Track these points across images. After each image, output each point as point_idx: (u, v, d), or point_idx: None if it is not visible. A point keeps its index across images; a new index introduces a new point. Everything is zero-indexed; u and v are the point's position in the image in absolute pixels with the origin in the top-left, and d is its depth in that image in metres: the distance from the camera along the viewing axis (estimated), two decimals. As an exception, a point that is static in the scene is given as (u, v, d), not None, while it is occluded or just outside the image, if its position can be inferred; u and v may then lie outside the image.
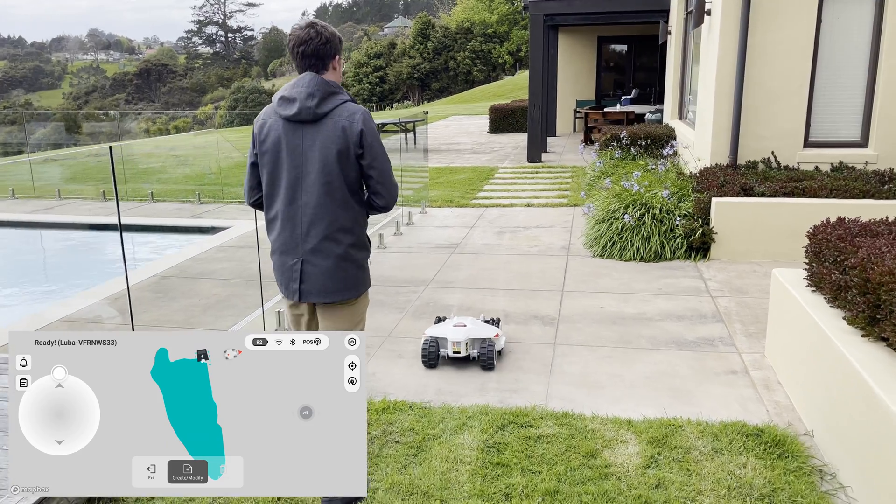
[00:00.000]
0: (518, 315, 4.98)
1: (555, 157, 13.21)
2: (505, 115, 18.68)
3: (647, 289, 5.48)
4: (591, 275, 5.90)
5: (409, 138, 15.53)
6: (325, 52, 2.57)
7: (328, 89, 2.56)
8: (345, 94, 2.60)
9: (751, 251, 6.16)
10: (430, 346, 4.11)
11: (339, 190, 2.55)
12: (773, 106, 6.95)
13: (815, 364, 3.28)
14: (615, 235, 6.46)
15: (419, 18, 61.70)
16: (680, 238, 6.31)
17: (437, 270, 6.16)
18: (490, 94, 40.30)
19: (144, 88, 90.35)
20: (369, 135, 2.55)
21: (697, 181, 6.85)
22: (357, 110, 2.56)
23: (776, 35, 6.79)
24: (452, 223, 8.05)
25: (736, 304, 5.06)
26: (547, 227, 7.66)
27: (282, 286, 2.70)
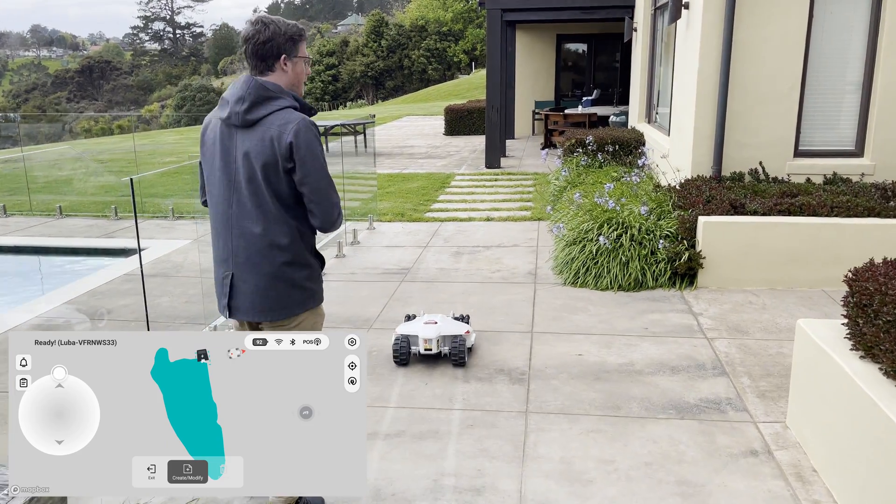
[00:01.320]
0: (481, 367, 4.08)
1: (514, 163, 12.38)
2: (461, 116, 17.81)
3: (630, 328, 4.65)
4: (565, 309, 5.03)
5: (358, 141, 14.52)
6: (265, 52, 2.34)
7: (263, 94, 2.32)
8: (288, 98, 2.35)
9: (743, 278, 5.38)
10: (401, 343, 4.12)
11: (271, 203, 2.34)
12: (760, 111, 6.20)
13: (875, 457, 2.45)
14: (589, 260, 5.62)
15: (372, 16, 60.48)
16: (663, 263, 5.50)
17: (384, 305, 5.22)
18: (445, 93, 39.45)
19: (87, 86, 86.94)
20: (302, 148, 2.28)
21: (679, 195, 6.06)
22: (293, 119, 2.30)
23: (764, 30, 6.04)
24: (403, 242, 7.12)
25: (738, 350, 4.25)
26: (510, 247, 6.79)
27: (217, 299, 2.53)
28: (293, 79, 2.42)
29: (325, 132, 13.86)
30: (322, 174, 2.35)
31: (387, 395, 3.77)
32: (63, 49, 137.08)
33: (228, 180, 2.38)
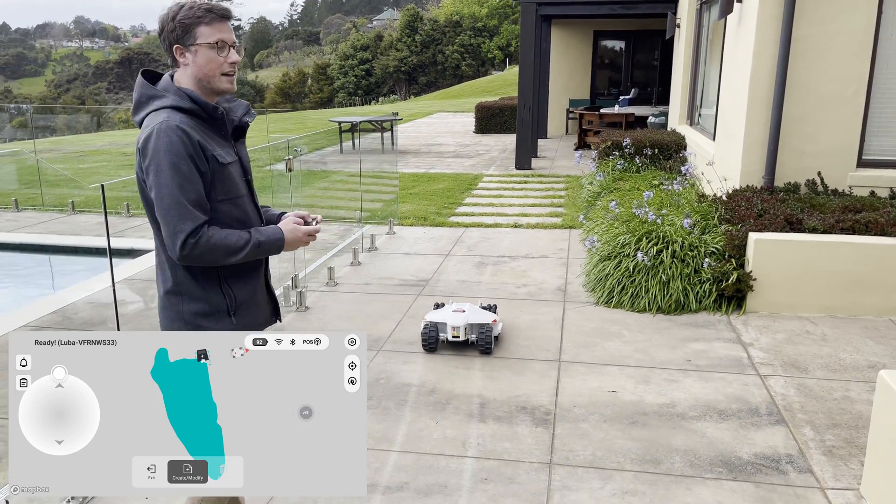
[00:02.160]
0: (499, 404, 3.59)
1: (546, 164, 11.84)
2: (492, 114, 17.28)
3: (671, 359, 4.12)
4: (597, 334, 4.52)
5: (384, 138, 14.10)
6: (165, 47, 2.03)
7: (145, 92, 2.03)
8: (170, 97, 1.99)
9: (799, 303, 4.81)
10: (430, 330, 4.23)
11: (152, 223, 2.05)
12: (820, 115, 5.60)
13: None
14: (625, 278, 5.09)
15: (407, 10, 60.14)
16: (708, 283, 4.95)
17: (397, 323, 4.76)
18: (479, 89, 38.92)
19: (126, 77, 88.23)
20: (150, 155, 1.93)
21: (725, 207, 5.49)
22: (152, 123, 1.95)
23: (828, 27, 5.43)
24: (424, 249, 6.66)
25: (797, 391, 3.70)
26: (538, 258, 6.28)
27: None
28: (198, 72, 2.01)
29: (352, 129, 13.46)
30: (165, 191, 1.92)
31: (392, 435, 3.31)
32: (105, 40, 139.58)
33: None
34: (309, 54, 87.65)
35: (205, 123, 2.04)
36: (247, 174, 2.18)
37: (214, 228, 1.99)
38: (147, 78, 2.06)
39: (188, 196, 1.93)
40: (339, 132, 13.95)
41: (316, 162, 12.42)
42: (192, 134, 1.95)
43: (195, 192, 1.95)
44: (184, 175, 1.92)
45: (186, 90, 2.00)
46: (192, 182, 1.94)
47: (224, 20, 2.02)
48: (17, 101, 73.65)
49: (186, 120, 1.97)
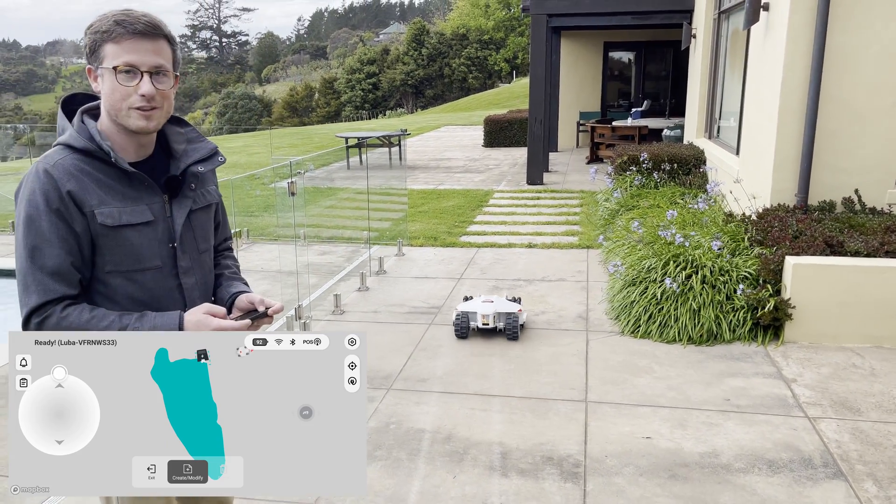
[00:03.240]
0: (522, 455, 3.25)
1: (558, 179, 11.52)
2: (501, 127, 17.00)
3: (708, 398, 3.77)
4: (625, 368, 4.18)
5: (392, 154, 13.82)
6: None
7: (60, 124, 1.68)
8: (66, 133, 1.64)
9: (842, 332, 4.45)
10: (461, 319, 4.66)
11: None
12: (857, 129, 5.26)
13: None
14: (652, 305, 4.74)
15: (414, 24, 60.20)
16: (742, 311, 4.60)
17: (408, 356, 4.43)
18: (486, 102, 38.72)
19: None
20: (17, 207, 1.62)
21: (756, 228, 5.15)
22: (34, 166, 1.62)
23: (863, 35, 5.10)
24: (435, 272, 6.33)
25: (851, 437, 3.34)
26: (555, 282, 5.94)
27: None
28: (105, 98, 1.62)
29: (358, 144, 13.20)
30: (17, 252, 1.60)
31: (404, 493, 2.97)
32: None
33: None
34: (316, 68, 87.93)
35: (111, 169, 1.63)
36: (173, 240, 1.72)
37: (79, 307, 1.61)
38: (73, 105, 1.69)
39: (41, 262, 1.57)
40: (345, 148, 13.69)
41: (322, 179, 12.14)
42: (63, 182, 1.56)
43: (54, 258, 1.58)
44: (40, 234, 1.57)
45: (89, 124, 1.63)
46: (52, 245, 1.57)
47: (140, 37, 1.57)
48: (25, 117, 74.01)
49: (76, 163, 1.59)
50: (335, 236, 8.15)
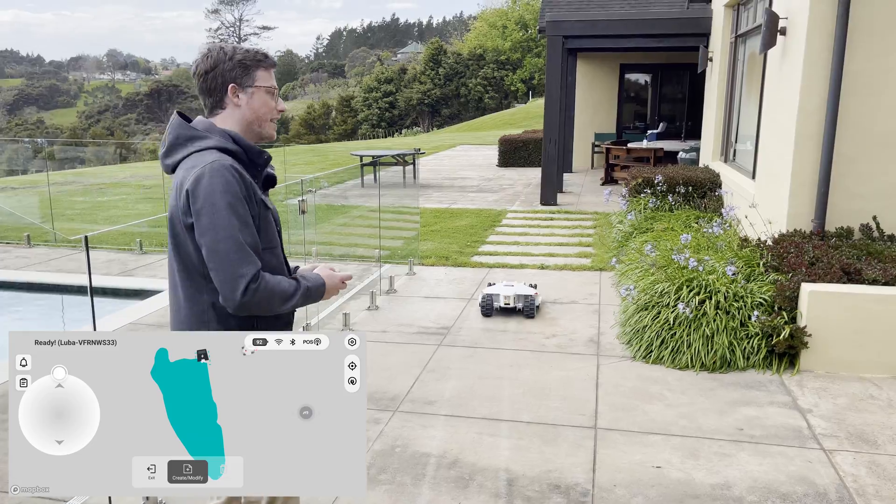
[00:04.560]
0: (529, 482, 3.19)
1: (572, 200, 11.48)
2: (516, 147, 17.02)
3: (721, 427, 3.69)
4: (636, 395, 4.10)
5: (406, 173, 13.85)
6: (210, 85, 1.93)
7: (184, 133, 1.92)
8: (215, 138, 1.89)
9: (859, 361, 4.36)
10: (486, 300, 5.50)
11: (178, 273, 1.92)
12: (875, 154, 5.19)
13: None
14: (664, 331, 4.67)
15: (431, 44, 60.72)
16: (756, 338, 4.52)
17: (416, 378, 4.39)
18: (501, 122, 38.84)
19: (155, 109, 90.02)
20: (199, 198, 1.80)
21: (772, 253, 5.08)
22: (202, 162, 1.83)
23: (883, 61, 5.05)
24: (446, 292, 6.29)
25: (868, 471, 3.25)
26: (567, 304, 5.88)
27: None
28: (250, 115, 1.96)
29: (373, 163, 13.25)
30: (223, 234, 1.81)
31: (407, 519, 2.92)
32: (136, 73, 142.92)
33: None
34: (334, 87, 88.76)
35: (249, 168, 1.95)
36: (278, 224, 2.07)
37: (267, 274, 1.88)
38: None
39: (246, 239, 1.84)
40: (360, 166, 13.75)
41: (336, 196, 12.18)
42: (244, 175, 1.87)
43: (251, 236, 1.86)
44: (241, 217, 1.84)
45: (230, 132, 1.93)
46: (248, 225, 1.86)
47: (273, 68, 2.02)
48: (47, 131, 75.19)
49: (234, 162, 1.89)
50: (346, 254, 8.15)
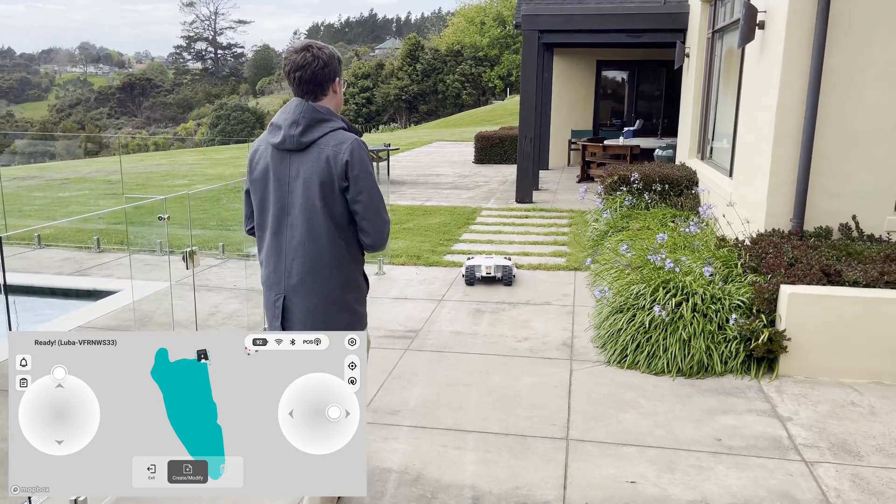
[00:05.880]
0: (496, 500, 2.98)
1: (548, 197, 11.31)
2: (492, 144, 16.82)
3: (698, 438, 3.51)
4: (610, 402, 3.92)
5: (379, 169, 13.58)
6: (323, 77, 2.41)
7: (316, 116, 2.38)
8: (338, 120, 2.42)
9: (839, 367, 4.21)
10: (469, 271, 6.17)
11: (324, 225, 2.39)
12: (854, 153, 5.06)
13: None
14: (640, 334, 4.50)
15: (409, 39, 60.34)
16: (734, 342, 4.36)
17: (380, 385, 4.16)
18: (479, 118, 38.65)
19: (127, 103, 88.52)
20: (356, 166, 2.35)
21: (750, 254, 4.93)
22: (346, 139, 2.37)
23: (863, 56, 4.92)
24: (416, 293, 6.07)
25: (852, 485, 3.09)
26: (540, 305, 5.69)
27: (267, 321, 2.54)
28: (339, 101, 2.49)
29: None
30: (375, 192, 2.41)
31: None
32: (109, 66, 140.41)
33: (282, 205, 2.41)
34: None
35: None
36: None
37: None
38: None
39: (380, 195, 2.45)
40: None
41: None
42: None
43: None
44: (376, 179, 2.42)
45: (340, 116, 2.45)
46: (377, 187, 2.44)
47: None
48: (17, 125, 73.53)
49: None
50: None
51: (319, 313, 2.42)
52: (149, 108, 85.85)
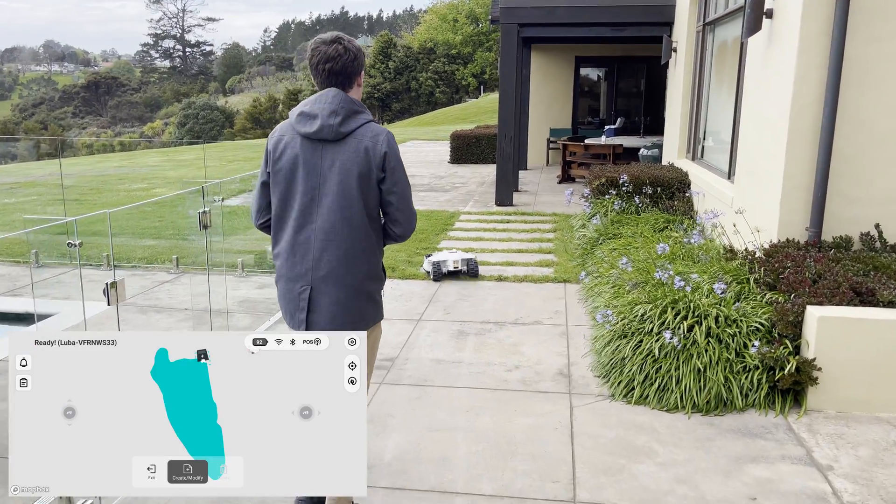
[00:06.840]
0: None
1: (529, 199, 10.77)
2: (468, 144, 16.24)
3: (728, 496, 2.96)
4: (619, 449, 3.35)
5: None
6: (352, 70, 2.45)
7: (352, 107, 2.41)
8: (367, 113, 2.46)
9: (875, 400, 3.70)
10: (436, 267, 6.27)
11: (358, 215, 2.41)
12: (877, 154, 4.57)
13: None
14: (648, 364, 3.94)
15: (381, 37, 59.56)
16: (756, 372, 3.82)
17: (350, 431, 3.54)
18: (453, 117, 38.08)
19: (93, 102, 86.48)
20: (393, 158, 2.43)
21: (765, 268, 4.40)
22: (382, 132, 2.44)
23: (888, 46, 4.42)
24: (392, 312, 5.45)
25: (923, 560, 2.55)
26: (530, 325, 5.12)
27: (287, 315, 2.52)
28: (361, 93, 2.55)
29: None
30: (407, 183, 2.48)
31: None
32: (74, 65, 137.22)
33: (312, 195, 2.39)
34: (282, 80, 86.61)
35: None
36: None
37: None
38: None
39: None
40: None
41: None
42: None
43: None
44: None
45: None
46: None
47: None
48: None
49: None
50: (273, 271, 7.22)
51: (349, 303, 2.42)
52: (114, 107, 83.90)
